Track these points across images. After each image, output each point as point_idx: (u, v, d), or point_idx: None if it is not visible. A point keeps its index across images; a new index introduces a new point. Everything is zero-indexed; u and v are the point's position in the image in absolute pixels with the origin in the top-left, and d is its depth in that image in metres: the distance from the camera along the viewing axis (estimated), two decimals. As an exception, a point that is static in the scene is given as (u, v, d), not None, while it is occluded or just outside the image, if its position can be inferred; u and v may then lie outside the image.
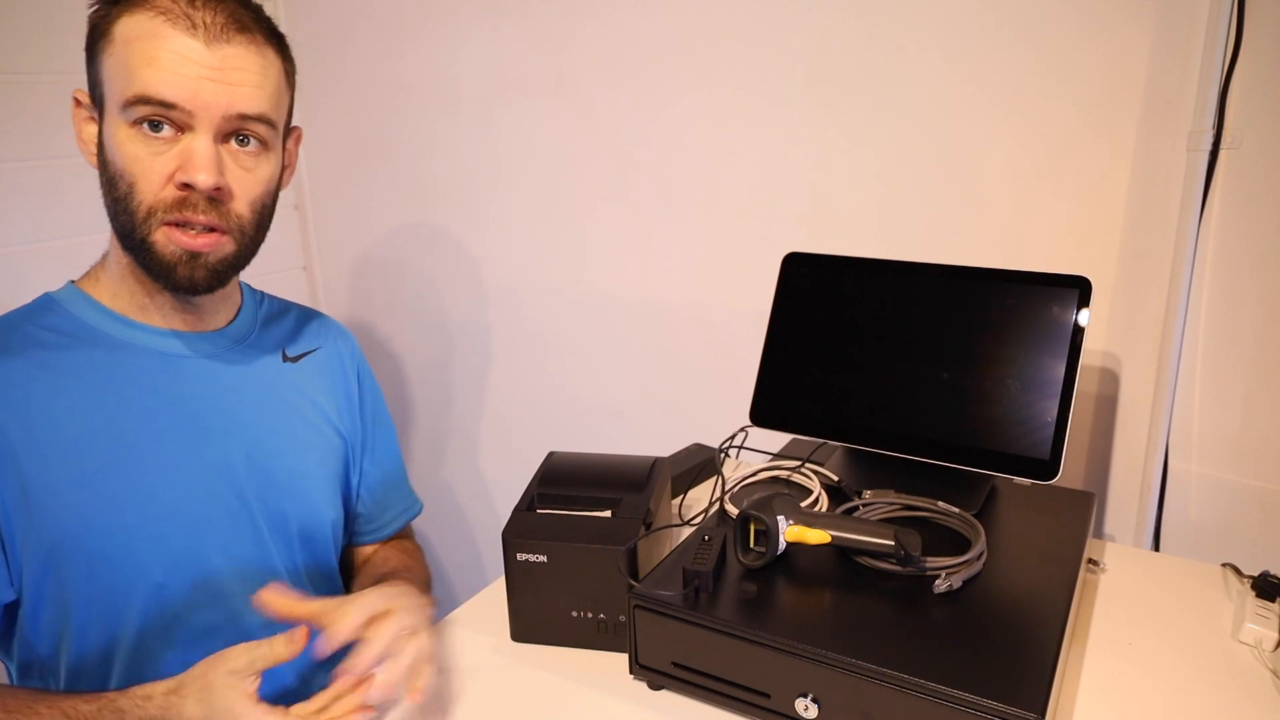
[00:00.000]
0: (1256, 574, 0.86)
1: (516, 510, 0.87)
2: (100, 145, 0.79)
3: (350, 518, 1.03)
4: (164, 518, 0.80)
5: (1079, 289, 0.89)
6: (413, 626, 0.73)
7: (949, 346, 0.94)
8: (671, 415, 1.42)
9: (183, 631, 0.82)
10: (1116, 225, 1.03)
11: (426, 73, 1.48)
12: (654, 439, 1.39)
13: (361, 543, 1.05)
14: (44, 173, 1.27)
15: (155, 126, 0.75)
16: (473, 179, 1.49)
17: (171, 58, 0.74)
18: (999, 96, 1.06)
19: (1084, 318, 0.88)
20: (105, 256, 0.85)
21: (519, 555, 0.82)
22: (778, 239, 1.22)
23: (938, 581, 0.75)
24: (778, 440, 1.09)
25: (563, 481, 0.92)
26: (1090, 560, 0.90)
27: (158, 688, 0.70)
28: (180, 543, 0.81)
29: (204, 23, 0.75)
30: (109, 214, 0.79)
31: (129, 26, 0.75)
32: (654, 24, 1.26)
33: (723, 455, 1.02)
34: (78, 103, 0.80)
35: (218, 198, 0.78)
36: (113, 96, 0.76)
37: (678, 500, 1.08)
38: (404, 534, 1.10)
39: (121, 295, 0.83)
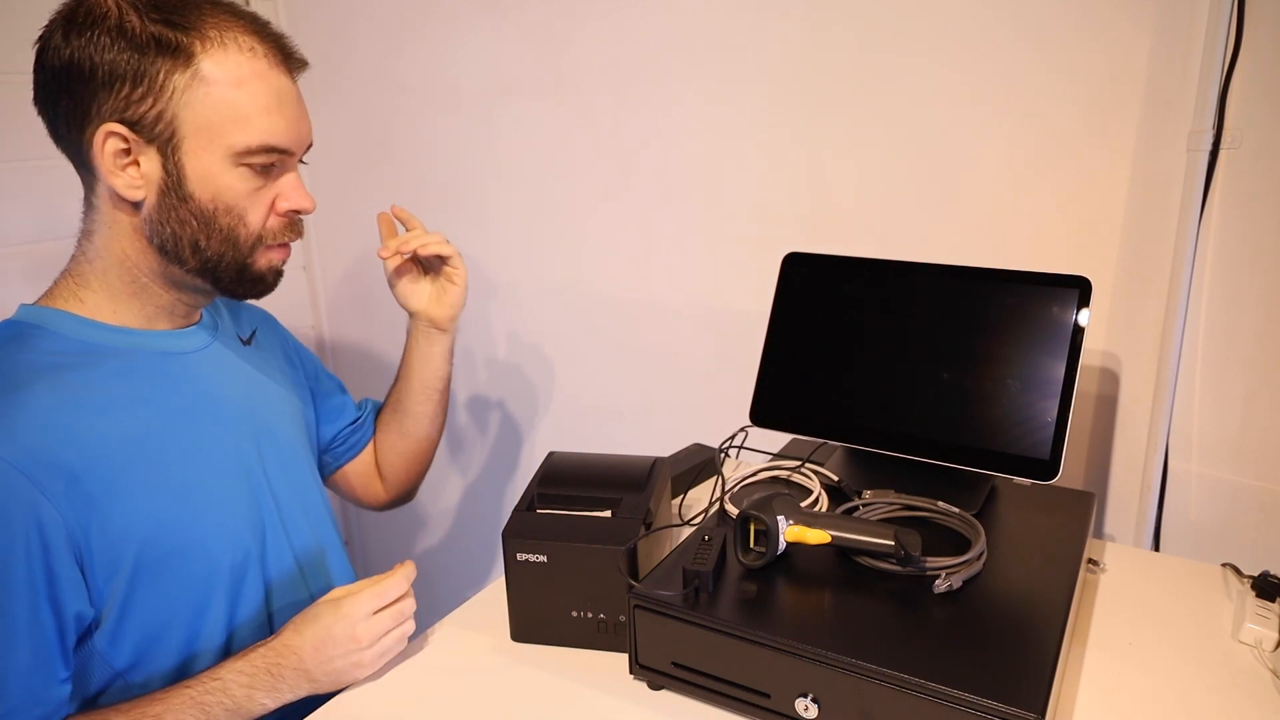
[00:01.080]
0: (1256, 574, 0.86)
1: (516, 510, 0.87)
2: (175, 181, 0.77)
3: (332, 449, 1.13)
4: (220, 504, 0.84)
5: (1079, 289, 0.89)
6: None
7: (949, 346, 0.94)
8: (671, 415, 1.42)
9: (260, 612, 0.87)
10: (1116, 225, 1.03)
11: (427, 73, 1.48)
12: (654, 439, 1.39)
13: (357, 452, 1.15)
14: (44, 173, 1.27)
15: (266, 168, 0.79)
16: (473, 179, 1.49)
17: (284, 104, 0.79)
18: (999, 96, 1.06)
19: (1084, 318, 0.88)
20: (80, 276, 0.82)
21: (519, 555, 0.82)
22: (778, 239, 1.22)
23: (938, 581, 0.75)
24: (778, 440, 1.09)
25: (563, 481, 0.92)
26: (1090, 560, 0.90)
27: (257, 645, 0.79)
28: (244, 519, 0.86)
29: (289, 54, 0.80)
30: (188, 246, 0.79)
31: (227, 65, 0.75)
32: (654, 24, 1.26)
33: (723, 455, 1.02)
34: (111, 135, 0.75)
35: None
36: (214, 137, 0.76)
37: (678, 500, 1.08)
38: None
39: (128, 308, 0.83)
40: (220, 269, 0.82)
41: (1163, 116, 0.97)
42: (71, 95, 0.75)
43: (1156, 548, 1.06)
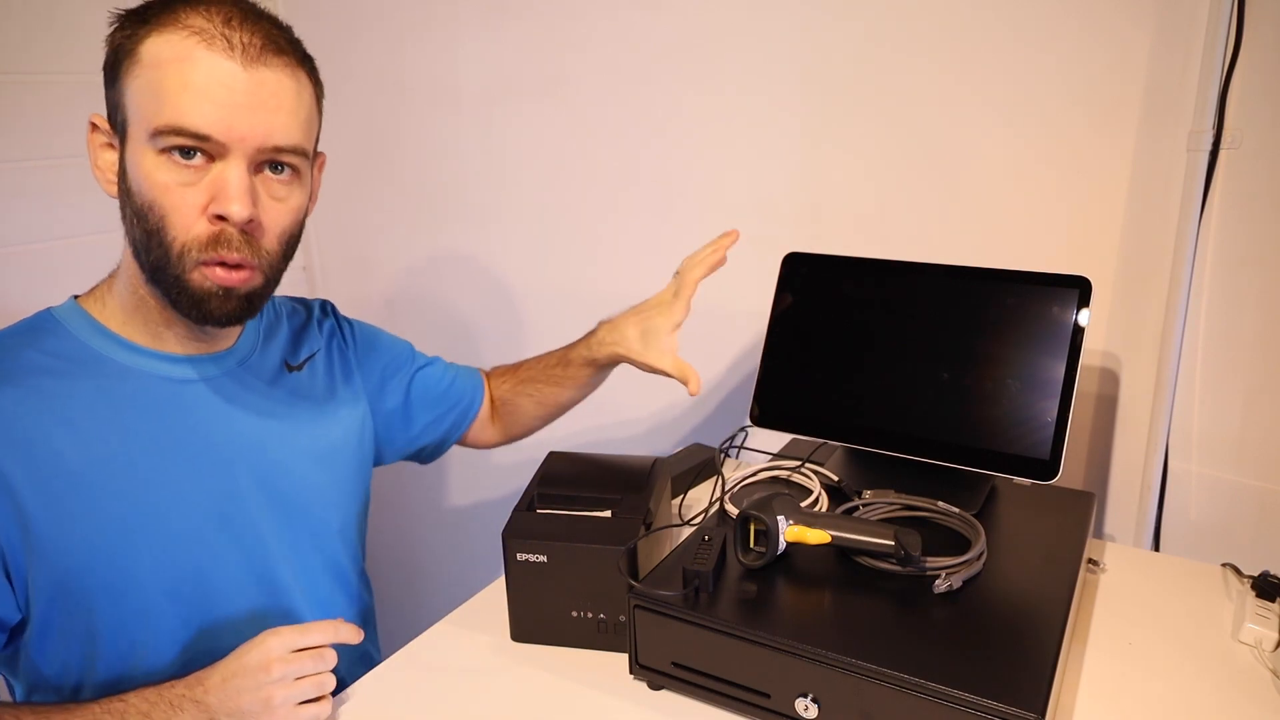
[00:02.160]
0: (1256, 574, 0.86)
1: (516, 510, 0.87)
2: (122, 174, 0.74)
3: (423, 434, 1.10)
4: (173, 545, 0.78)
5: (1079, 289, 0.89)
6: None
7: (949, 346, 0.94)
8: (671, 415, 1.42)
9: (201, 655, 0.80)
10: (1116, 225, 1.03)
11: (428, 74, 1.48)
12: (654, 439, 1.39)
13: (466, 428, 1.14)
14: (44, 173, 1.27)
15: (186, 154, 0.71)
16: (473, 179, 1.49)
17: (206, 83, 0.70)
18: (999, 96, 1.06)
19: (1084, 318, 0.88)
20: (113, 278, 0.81)
21: (519, 555, 0.82)
22: (778, 239, 1.22)
23: (938, 581, 0.75)
24: (778, 440, 1.09)
25: (563, 481, 0.92)
26: (1090, 560, 0.90)
27: (168, 683, 0.74)
28: (190, 569, 0.80)
29: (241, 43, 0.71)
30: (136, 247, 0.75)
31: (159, 47, 0.70)
32: (655, 25, 1.26)
33: (723, 455, 1.02)
34: (94, 127, 0.75)
35: (249, 231, 0.74)
36: (140, 122, 0.71)
37: (678, 500, 1.08)
38: (494, 380, 1.16)
39: (133, 322, 0.80)
40: (164, 281, 0.74)
41: (1163, 116, 0.97)
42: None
43: (1156, 548, 1.06)
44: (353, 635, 0.77)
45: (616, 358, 1.01)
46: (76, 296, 0.82)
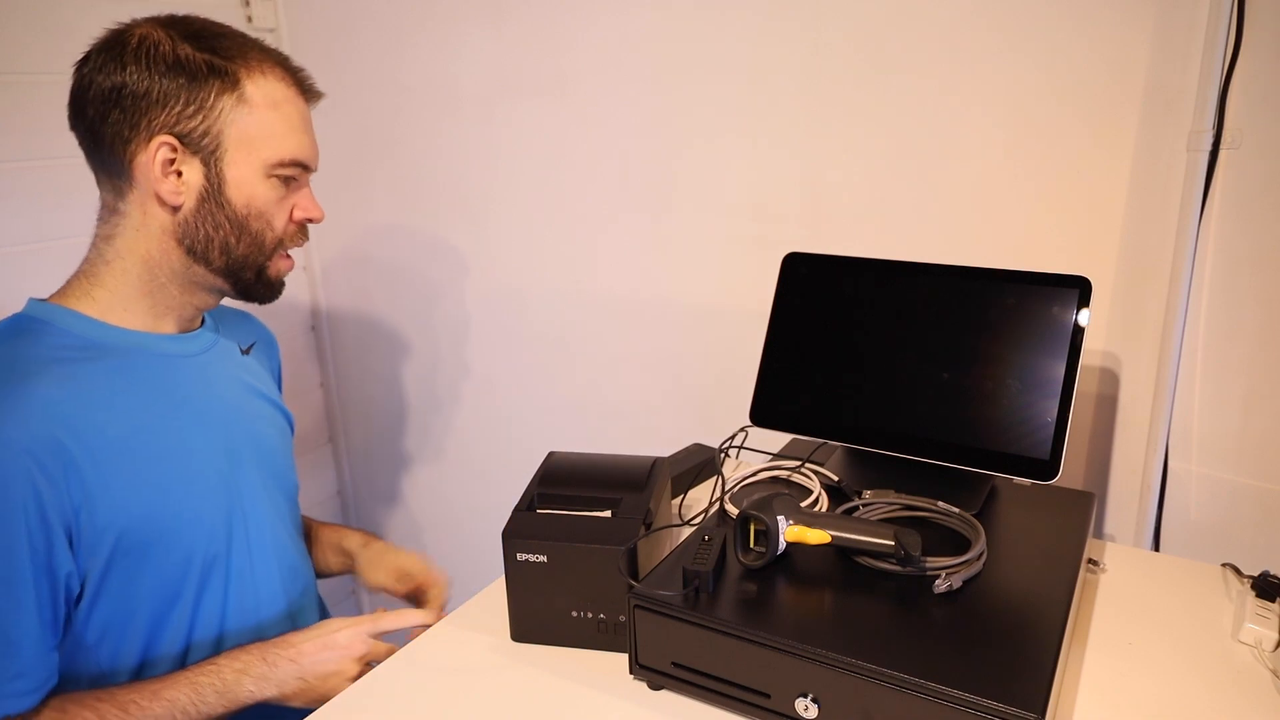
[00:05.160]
0: (1256, 574, 0.86)
1: (516, 510, 0.87)
2: (213, 188, 0.86)
3: None
4: (202, 498, 0.90)
5: (1079, 289, 0.89)
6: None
7: (949, 346, 0.94)
8: (671, 415, 1.42)
9: (218, 613, 0.92)
10: (1116, 225, 1.03)
11: (427, 73, 1.48)
12: (654, 439, 1.39)
13: None
14: (44, 173, 1.27)
15: (289, 180, 0.90)
16: (473, 179, 1.49)
17: (304, 124, 0.90)
18: (999, 96, 1.06)
19: (1084, 318, 0.88)
20: (90, 278, 0.88)
21: (519, 555, 0.82)
22: (778, 239, 1.22)
23: (938, 581, 0.75)
24: (778, 440, 1.09)
25: (563, 481, 0.92)
26: (1090, 560, 0.90)
27: (258, 643, 0.89)
28: (218, 518, 0.91)
29: (308, 86, 0.92)
30: (205, 245, 0.88)
31: (267, 90, 0.86)
32: (654, 25, 1.26)
33: (723, 455, 1.02)
34: (168, 146, 0.84)
35: None
36: (251, 150, 0.86)
37: (678, 500, 1.08)
38: None
39: (135, 308, 0.89)
40: (244, 269, 0.91)
41: (1163, 117, 0.97)
42: (123, 111, 0.83)
43: (1156, 548, 1.06)
44: (427, 617, 0.96)
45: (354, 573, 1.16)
46: (48, 299, 0.89)
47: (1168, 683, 0.75)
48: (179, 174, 0.85)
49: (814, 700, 0.69)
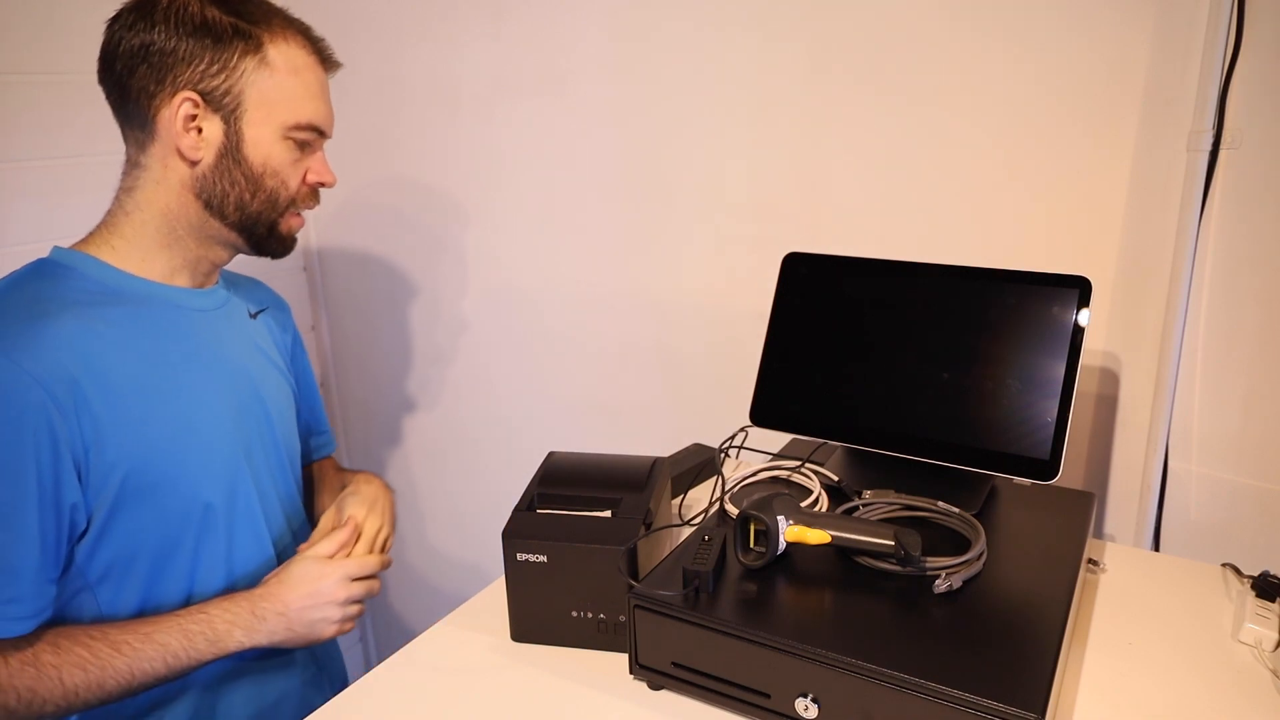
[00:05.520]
0: (1256, 574, 0.86)
1: (516, 510, 0.87)
2: (232, 145, 0.89)
3: None
4: (206, 449, 0.92)
5: (1079, 289, 0.89)
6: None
7: (949, 346, 0.94)
8: (671, 415, 1.42)
9: (238, 550, 0.96)
10: (1116, 225, 1.03)
11: (427, 73, 1.48)
12: (654, 439, 1.39)
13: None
14: (44, 173, 1.27)
15: (304, 144, 0.93)
16: (473, 179, 1.49)
17: (322, 90, 0.94)
18: (999, 97, 1.06)
19: (1084, 318, 0.88)
20: (111, 229, 0.92)
21: (519, 555, 0.82)
22: (778, 239, 1.22)
23: (938, 581, 0.75)
24: (778, 440, 1.09)
25: (563, 481, 0.92)
26: (1090, 560, 0.90)
27: (244, 592, 0.91)
28: (219, 471, 0.93)
29: (328, 55, 0.96)
30: (222, 199, 0.91)
31: (288, 55, 0.90)
32: (654, 25, 1.26)
33: (723, 455, 1.02)
34: (191, 103, 0.87)
35: None
36: (269, 111, 0.89)
37: (678, 500, 1.08)
38: (328, 462, 1.27)
39: (153, 260, 0.92)
40: (257, 224, 0.94)
41: (1163, 116, 0.97)
42: (150, 66, 0.86)
43: (1156, 548, 1.06)
44: (382, 561, 0.99)
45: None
46: (72, 246, 0.92)
47: (1168, 683, 0.75)
48: (200, 130, 0.88)
49: (814, 700, 0.69)
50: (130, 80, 0.87)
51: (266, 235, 0.95)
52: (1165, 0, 0.95)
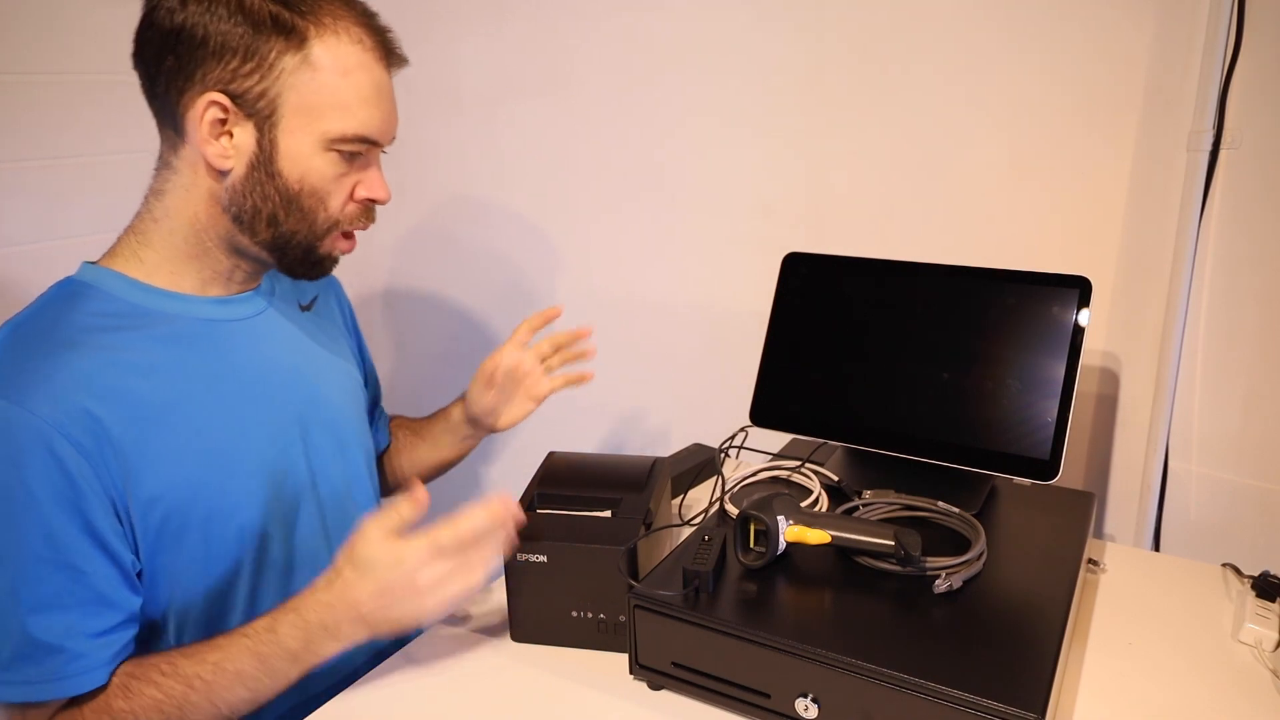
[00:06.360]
0: (1256, 574, 0.86)
1: (516, 510, 0.87)
2: (266, 155, 0.78)
3: None
4: (253, 472, 0.84)
5: (1079, 289, 0.89)
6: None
7: (949, 346, 0.94)
8: (671, 415, 1.42)
9: (297, 573, 0.88)
10: (1116, 225, 1.03)
11: (428, 74, 1.47)
12: (654, 439, 1.39)
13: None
14: (44, 173, 1.27)
15: (353, 156, 0.81)
16: (474, 180, 1.49)
17: (381, 98, 0.82)
18: (999, 96, 1.06)
19: (1084, 318, 0.88)
20: (139, 238, 0.83)
21: (519, 555, 0.82)
22: (778, 239, 1.22)
23: (938, 581, 0.75)
24: (778, 440, 1.09)
25: (563, 481, 0.92)
26: (1090, 560, 0.90)
27: (309, 594, 0.76)
28: (272, 491, 0.85)
29: (392, 50, 0.83)
30: (252, 214, 0.80)
31: (338, 53, 0.77)
32: (655, 26, 1.26)
33: (723, 455, 1.02)
34: (219, 106, 0.76)
35: None
36: (309, 119, 0.78)
37: (678, 500, 1.08)
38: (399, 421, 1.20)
39: (183, 271, 0.83)
40: (290, 247, 0.83)
41: (1163, 117, 0.97)
42: (178, 58, 0.75)
43: (1156, 548, 1.06)
44: (490, 512, 0.77)
45: (476, 420, 1.08)
46: (97, 261, 0.84)
47: (1168, 683, 0.75)
48: (230, 135, 0.78)
49: (814, 700, 0.69)
50: (159, 71, 0.77)
51: (301, 259, 0.85)
52: (1165, 0, 0.95)
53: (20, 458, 0.71)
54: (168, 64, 0.76)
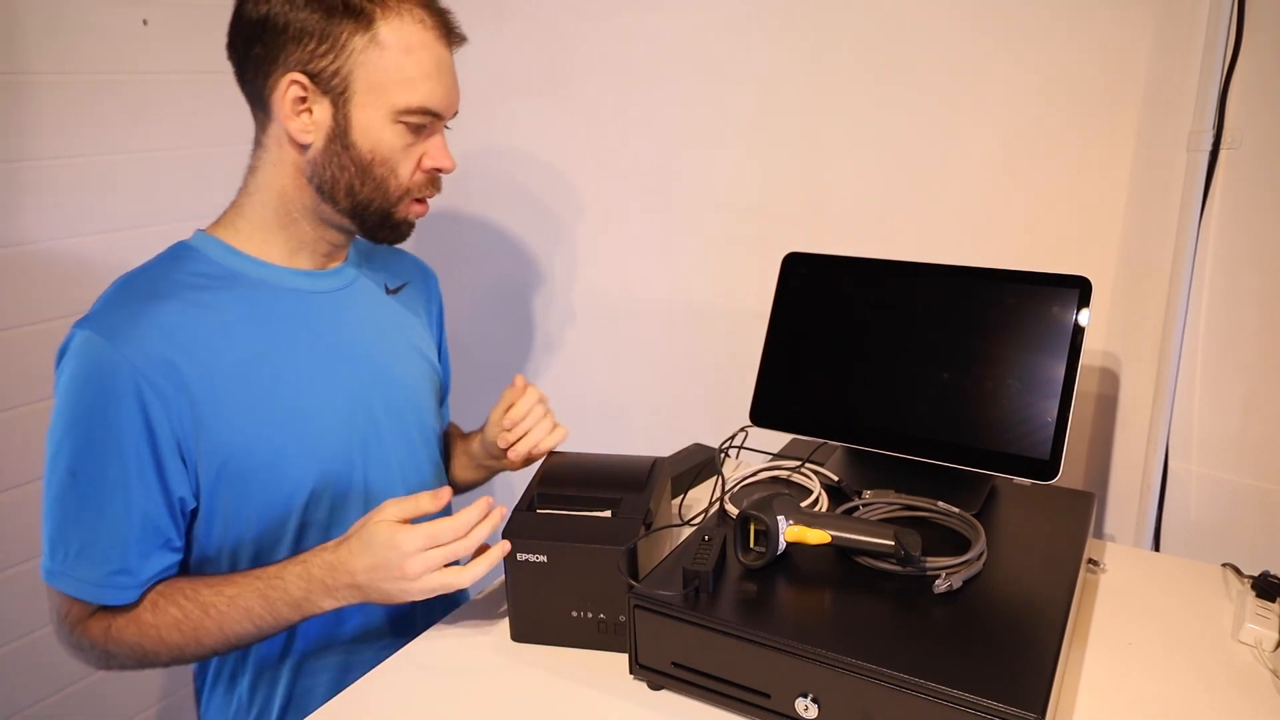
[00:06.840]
0: (1256, 574, 0.86)
1: (516, 510, 0.87)
2: (341, 129, 0.86)
3: None
4: (313, 435, 0.91)
5: (1079, 289, 0.89)
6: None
7: (949, 346, 0.94)
8: (671, 415, 1.42)
9: (334, 533, 0.92)
10: (1116, 225, 1.03)
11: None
12: (654, 439, 1.39)
13: None
14: (44, 173, 1.27)
15: (419, 128, 0.88)
16: (474, 179, 1.49)
17: (439, 71, 0.88)
18: (999, 97, 1.06)
19: (1084, 318, 0.88)
20: (238, 211, 0.92)
21: (519, 555, 0.82)
22: (778, 239, 1.22)
23: (938, 581, 0.75)
24: (778, 440, 1.09)
25: (563, 481, 0.92)
26: (1090, 560, 0.90)
27: (318, 552, 0.84)
28: (328, 456, 0.92)
29: (450, 30, 0.89)
30: (333, 184, 0.88)
31: (402, 33, 0.85)
32: (655, 26, 1.26)
33: (723, 455, 1.02)
34: (299, 85, 0.84)
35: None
36: (380, 94, 0.85)
37: (678, 500, 1.08)
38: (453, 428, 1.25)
39: (273, 242, 0.92)
40: (368, 213, 0.91)
41: (1163, 117, 0.97)
42: (264, 45, 0.84)
43: (1156, 548, 1.06)
44: (481, 513, 0.83)
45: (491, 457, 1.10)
46: (206, 229, 0.93)
47: (1168, 683, 0.75)
48: (310, 112, 0.86)
49: (814, 700, 0.69)
50: (248, 58, 0.86)
51: (380, 223, 0.92)
52: (1165, 0, 0.95)
53: (109, 387, 0.81)
54: (255, 51, 0.85)
